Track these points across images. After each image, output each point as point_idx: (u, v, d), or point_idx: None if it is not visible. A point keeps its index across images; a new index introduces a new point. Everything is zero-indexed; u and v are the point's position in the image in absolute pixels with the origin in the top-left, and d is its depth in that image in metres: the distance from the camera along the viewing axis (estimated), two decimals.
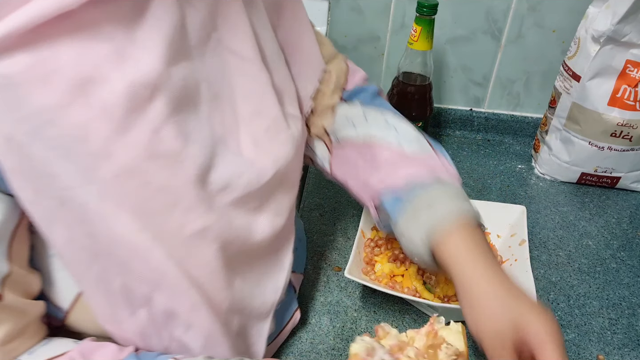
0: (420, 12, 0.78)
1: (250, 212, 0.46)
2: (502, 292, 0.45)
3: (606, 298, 0.71)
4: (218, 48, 0.44)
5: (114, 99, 0.35)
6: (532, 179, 0.96)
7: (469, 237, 0.48)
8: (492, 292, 0.45)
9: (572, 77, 0.86)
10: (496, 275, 0.46)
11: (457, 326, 0.46)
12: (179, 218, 0.39)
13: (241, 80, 0.46)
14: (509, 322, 0.43)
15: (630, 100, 0.81)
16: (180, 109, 0.39)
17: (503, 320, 0.44)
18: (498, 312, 0.44)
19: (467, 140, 1.06)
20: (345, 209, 0.85)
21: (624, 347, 0.65)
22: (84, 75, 0.34)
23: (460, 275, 0.47)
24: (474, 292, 0.46)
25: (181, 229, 0.40)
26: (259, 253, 0.48)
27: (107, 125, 0.35)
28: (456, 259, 0.48)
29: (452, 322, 0.46)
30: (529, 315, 0.43)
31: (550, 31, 0.95)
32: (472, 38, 0.98)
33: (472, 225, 0.49)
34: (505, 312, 0.44)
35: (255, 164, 0.46)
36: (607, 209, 0.89)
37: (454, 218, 0.49)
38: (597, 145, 0.87)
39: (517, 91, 1.04)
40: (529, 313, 0.43)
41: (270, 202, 0.48)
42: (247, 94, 0.46)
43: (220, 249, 0.42)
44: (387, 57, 1.03)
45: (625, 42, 0.78)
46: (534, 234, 0.82)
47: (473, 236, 0.49)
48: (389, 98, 0.89)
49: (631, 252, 0.79)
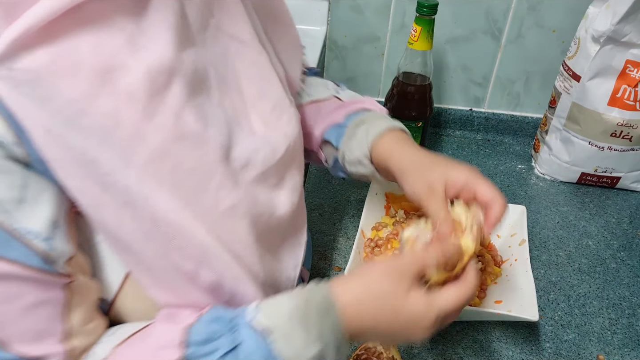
0: (420, 12, 0.78)
1: (270, 188, 0.48)
2: (427, 159, 0.55)
3: (606, 298, 0.71)
4: (217, 34, 0.45)
5: (136, 85, 0.36)
6: (532, 179, 0.96)
7: (398, 136, 0.59)
8: (418, 161, 0.55)
9: (572, 77, 0.86)
10: (422, 152, 0.57)
11: (458, 203, 0.53)
12: (212, 196, 0.41)
13: (243, 64, 0.48)
14: (438, 175, 0.53)
15: (630, 100, 0.81)
16: (196, 94, 0.41)
17: (433, 176, 0.53)
18: (427, 171, 0.54)
19: (467, 140, 1.06)
20: (345, 209, 0.85)
21: (624, 347, 0.65)
22: (105, 64, 0.35)
23: (395, 161, 0.57)
24: (405, 165, 0.56)
25: (215, 206, 0.42)
26: (281, 229, 0.51)
27: (134, 111, 0.36)
28: (389, 152, 0.57)
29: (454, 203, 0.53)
30: (452, 169, 0.53)
31: (550, 31, 0.95)
32: (472, 38, 0.98)
33: (399, 130, 0.60)
34: (433, 169, 0.54)
35: (269, 141, 0.48)
36: (607, 209, 0.89)
37: (384, 127, 0.59)
38: (597, 145, 0.87)
39: (517, 91, 1.04)
40: (453, 167, 0.53)
41: (286, 178, 0.51)
42: (250, 76, 0.48)
43: (251, 224, 0.44)
44: (387, 57, 1.03)
45: (625, 42, 0.78)
46: (534, 234, 0.82)
47: (402, 135, 0.59)
48: (389, 98, 0.89)
49: (631, 252, 0.79)
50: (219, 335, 0.40)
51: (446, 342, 0.64)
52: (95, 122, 0.35)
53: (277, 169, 0.48)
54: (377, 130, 0.59)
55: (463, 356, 0.62)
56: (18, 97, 0.33)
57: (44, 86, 0.33)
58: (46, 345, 0.36)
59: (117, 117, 0.36)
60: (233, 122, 0.45)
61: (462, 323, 0.66)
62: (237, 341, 0.39)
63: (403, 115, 0.86)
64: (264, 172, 0.47)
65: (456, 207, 0.52)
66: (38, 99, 0.33)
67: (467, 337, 0.65)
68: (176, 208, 0.39)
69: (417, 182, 0.54)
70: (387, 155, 0.57)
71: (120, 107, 0.36)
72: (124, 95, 0.36)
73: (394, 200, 0.77)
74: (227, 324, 0.41)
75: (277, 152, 0.48)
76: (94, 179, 0.36)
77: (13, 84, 0.32)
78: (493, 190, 0.51)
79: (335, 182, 0.91)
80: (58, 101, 0.34)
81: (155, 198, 0.38)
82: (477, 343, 0.64)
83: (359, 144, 0.59)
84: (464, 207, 0.51)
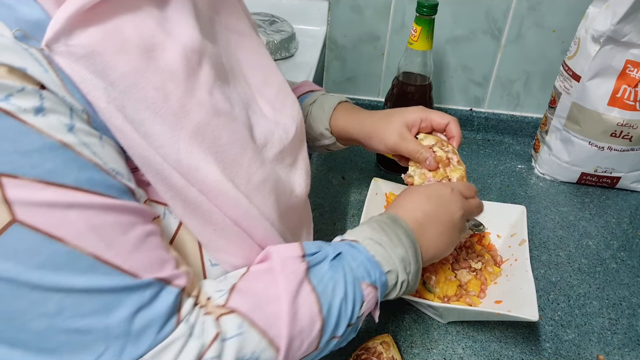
0: (420, 12, 0.78)
1: (287, 167, 0.52)
2: (382, 117, 0.66)
3: (606, 298, 0.71)
4: (220, 28, 0.49)
5: (176, 63, 0.39)
6: (532, 179, 0.96)
7: (348, 107, 0.69)
8: (376, 120, 0.65)
9: (572, 77, 0.86)
10: (374, 113, 0.67)
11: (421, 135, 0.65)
12: (246, 169, 0.44)
13: (245, 54, 0.51)
14: (398, 123, 0.64)
15: (630, 100, 0.81)
16: (219, 76, 0.44)
17: (394, 126, 0.64)
18: (388, 125, 0.64)
19: (467, 140, 1.06)
20: (345, 209, 0.85)
21: (624, 347, 0.65)
22: (147, 43, 0.37)
23: (354, 127, 0.67)
24: (366, 128, 0.66)
25: (249, 179, 0.44)
26: (298, 209, 0.54)
27: (178, 87, 0.39)
28: (347, 121, 0.67)
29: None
30: (406, 114, 0.65)
31: (550, 31, 0.95)
32: (472, 38, 0.98)
33: (346, 102, 0.70)
34: (391, 121, 0.64)
35: (280, 123, 0.51)
36: (607, 209, 0.89)
37: (335, 101, 0.69)
38: (597, 145, 0.87)
39: (517, 91, 1.04)
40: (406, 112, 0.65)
41: (298, 159, 0.54)
42: (252, 65, 0.52)
43: (276, 201, 0.47)
44: (387, 57, 1.03)
45: (625, 42, 0.78)
46: (534, 234, 0.82)
47: (350, 105, 0.70)
48: (389, 98, 0.89)
49: (631, 252, 0.79)
50: (324, 247, 0.48)
51: (446, 342, 0.64)
52: (146, 95, 0.37)
53: (291, 150, 0.52)
54: (330, 105, 0.68)
55: (463, 356, 0.62)
56: (80, 70, 0.34)
57: (99, 61, 0.35)
58: (169, 269, 0.38)
59: (165, 91, 0.38)
60: (247, 106, 0.48)
61: (462, 323, 0.66)
62: (338, 250, 0.48)
63: None
64: (281, 151, 0.50)
65: (423, 140, 0.64)
66: (96, 72, 0.35)
67: (467, 337, 0.65)
68: (222, 179, 0.42)
69: (385, 138, 0.64)
70: (345, 124, 0.67)
71: (166, 82, 0.38)
72: (168, 72, 0.38)
73: (393, 200, 0.77)
74: (324, 242, 0.49)
75: (288, 133, 0.51)
76: (152, 150, 0.38)
77: (73, 58, 0.34)
78: (444, 116, 0.64)
79: (335, 182, 0.91)
80: (113, 75, 0.36)
81: (204, 170, 0.41)
82: (477, 343, 0.64)
83: (319, 120, 0.68)
84: (428, 138, 0.64)
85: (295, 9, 1.02)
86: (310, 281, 0.44)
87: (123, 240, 0.35)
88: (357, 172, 0.94)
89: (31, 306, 0.32)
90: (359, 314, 0.46)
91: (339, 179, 0.92)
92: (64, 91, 0.33)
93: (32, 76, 0.32)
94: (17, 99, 0.31)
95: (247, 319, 0.40)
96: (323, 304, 0.44)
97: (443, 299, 0.64)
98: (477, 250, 0.71)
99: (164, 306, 0.36)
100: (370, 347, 0.60)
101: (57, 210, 0.32)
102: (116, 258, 0.34)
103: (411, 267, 0.50)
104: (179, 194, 0.40)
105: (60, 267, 0.32)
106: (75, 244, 0.32)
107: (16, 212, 0.31)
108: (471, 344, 0.64)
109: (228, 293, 0.41)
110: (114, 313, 0.34)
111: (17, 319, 0.32)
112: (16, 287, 0.31)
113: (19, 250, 0.31)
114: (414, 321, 0.66)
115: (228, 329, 0.39)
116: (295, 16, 1.01)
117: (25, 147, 0.31)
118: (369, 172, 0.94)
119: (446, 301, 0.64)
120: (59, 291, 0.32)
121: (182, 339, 0.37)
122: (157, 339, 0.35)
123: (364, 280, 0.47)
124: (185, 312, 0.38)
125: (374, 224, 0.51)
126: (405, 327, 0.65)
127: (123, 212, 0.35)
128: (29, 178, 0.31)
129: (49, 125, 0.32)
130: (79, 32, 0.34)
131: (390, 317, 0.66)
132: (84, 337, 0.33)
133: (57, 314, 0.32)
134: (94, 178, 0.34)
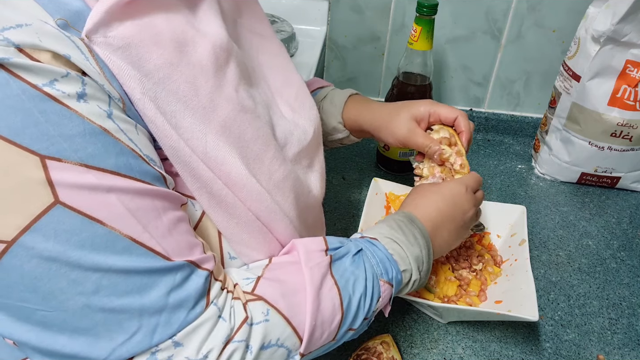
0: (420, 12, 0.78)
1: (305, 169, 0.53)
2: (391, 110, 0.66)
3: (606, 298, 0.71)
4: (243, 30, 0.51)
5: (206, 59, 0.40)
6: (532, 179, 0.96)
7: (358, 99, 0.70)
8: (385, 113, 0.66)
9: (572, 77, 0.86)
10: (384, 106, 0.67)
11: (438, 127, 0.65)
12: (268, 166, 0.45)
13: (265, 57, 0.53)
14: (407, 117, 0.64)
15: (630, 100, 0.81)
16: (243, 76, 0.45)
17: (403, 120, 0.64)
18: (396, 118, 0.64)
19: None
20: (345, 208, 0.85)
21: (624, 347, 0.65)
22: (179, 38, 0.39)
23: (365, 119, 0.67)
24: (377, 121, 0.66)
25: (271, 175, 0.45)
26: (315, 210, 0.55)
27: (208, 82, 0.40)
28: (358, 113, 0.68)
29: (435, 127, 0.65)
30: (414, 107, 0.64)
31: (550, 31, 0.95)
32: (472, 38, 0.98)
33: (356, 94, 0.71)
34: (400, 115, 0.64)
35: (299, 124, 0.52)
36: (607, 209, 0.89)
37: (345, 95, 0.70)
38: (597, 145, 0.87)
39: (517, 91, 1.04)
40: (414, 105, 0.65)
41: (315, 162, 0.55)
42: (273, 67, 0.53)
43: (295, 199, 0.48)
44: (387, 57, 1.03)
45: (625, 42, 0.78)
46: (534, 234, 0.82)
47: (360, 97, 0.71)
48: (389, 98, 0.89)
49: (631, 252, 0.79)
50: (346, 243, 0.49)
51: (446, 342, 0.64)
52: (178, 88, 0.38)
53: (308, 151, 0.53)
54: (341, 99, 0.69)
55: (463, 356, 0.62)
56: (117, 60, 0.35)
57: (136, 52, 0.36)
58: (198, 253, 0.39)
59: (196, 85, 0.39)
60: (268, 106, 0.49)
61: (462, 323, 0.66)
62: (360, 246, 0.50)
63: None
64: (299, 152, 0.51)
65: (434, 133, 0.64)
66: (132, 63, 0.36)
67: (467, 337, 0.65)
68: (246, 174, 0.42)
69: (394, 131, 0.64)
70: (357, 117, 0.68)
71: (197, 76, 0.39)
72: (198, 66, 0.40)
73: (394, 200, 0.77)
74: (345, 238, 0.51)
75: (307, 134, 0.53)
76: (180, 142, 0.39)
77: (110, 49, 0.35)
78: (452, 110, 0.64)
79: (335, 182, 0.91)
80: (148, 66, 0.37)
81: (230, 164, 0.41)
82: (477, 343, 0.64)
83: (331, 114, 0.69)
84: (443, 130, 0.64)
85: (295, 9, 1.02)
86: (333, 275, 0.46)
87: (157, 224, 0.36)
88: (357, 172, 0.94)
89: (70, 285, 0.33)
90: (375, 308, 0.48)
91: (339, 179, 0.92)
92: (103, 79, 0.34)
93: (75, 63, 0.32)
94: (61, 84, 0.32)
95: (273, 306, 0.41)
96: (344, 297, 0.45)
97: (443, 299, 0.64)
98: (477, 250, 0.71)
99: (195, 288, 0.37)
100: (370, 347, 0.60)
101: (97, 193, 0.33)
102: (151, 240, 0.35)
103: (424, 265, 0.52)
104: (205, 186, 0.41)
105: (99, 247, 0.33)
106: (113, 225, 0.33)
107: (59, 193, 0.31)
108: (471, 344, 0.64)
109: (255, 281, 0.43)
110: (148, 293, 0.35)
111: (56, 298, 0.33)
112: (57, 266, 0.32)
113: (60, 230, 0.32)
114: (414, 321, 0.66)
115: (255, 315, 0.40)
116: (295, 16, 1.01)
117: (68, 131, 0.32)
118: (369, 172, 0.94)
119: (446, 301, 0.64)
120: (97, 271, 0.33)
121: (212, 320, 0.38)
122: (187, 319, 0.37)
123: (382, 277, 0.49)
124: (214, 295, 0.39)
125: (392, 223, 0.53)
126: (405, 327, 0.65)
127: (157, 197, 0.36)
128: (72, 161, 0.32)
129: (90, 111, 0.33)
130: (117, 25, 0.35)
131: (390, 317, 0.66)
132: (118, 316, 0.34)
133: (94, 292, 0.33)
134: (130, 163, 0.35)
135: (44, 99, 0.31)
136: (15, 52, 0.30)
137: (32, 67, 0.30)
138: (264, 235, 0.46)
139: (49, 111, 0.31)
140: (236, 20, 0.50)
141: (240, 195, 0.43)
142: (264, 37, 0.53)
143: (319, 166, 0.56)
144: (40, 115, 0.31)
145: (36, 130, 0.31)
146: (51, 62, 0.31)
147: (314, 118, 0.55)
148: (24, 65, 0.30)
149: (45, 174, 0.31)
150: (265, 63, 0.53)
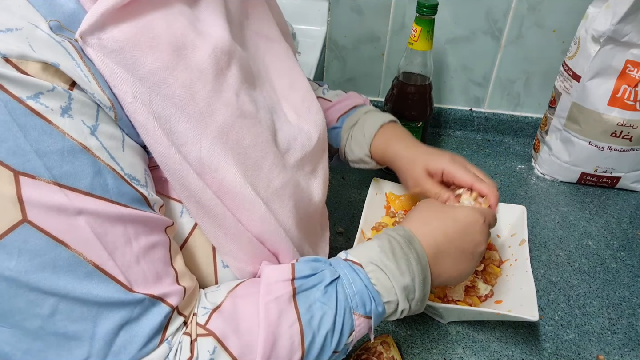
0: (420, 12, 0.78)
1: (307, 175, 0.52)
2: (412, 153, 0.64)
3: (606, 298, 0.71)
4: (249, 32, 0.50)
5: (205, 63, 0.39)
6: (532, 179, 0.96)
7: (389, 131, 0.67)
8: (406, 156, 0.64)
9: (572, 77, 0.86)
10: (409, 146, 0.65)
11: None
12: (266, 173, 0.44)
13: (272, 59, 0.52)
14: (421, 168, 0.62)
15: (630, 100, 0.81)
16: (246, 79, 0.44)
17: (417, 170, 0.62)
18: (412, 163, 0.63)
19: (467, 140, 1.06)
20: (345, 208, 0.85)
21: (624, 347, 0.65)
22: (178, 41, 0.38)
23: (389, 158, 0.66)
24: (397, 163, 0.65)
25: (269, 183, 0.44)
26: (316, 217, 0.54)
27: (206, 86, 0.39)
28: (385, 146, 0.66)
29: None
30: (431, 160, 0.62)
31: (550, 31, 0.95)
32: (472, 38, 0.98)
33: (389, 123, 0.68)
34: (417, 162, 0.63)
35: (303, 129, 0.51)
36: (607, 209, 0.89)
37: (377, 124, 0.67)
38: (597, 145, 0.87)
39: (517, 91, 1.04)
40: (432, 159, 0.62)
41: (318, 168, 0.54)
42: (279, 70, 0.52)
43: (294, 207, 0.47)
44: (387, 57, 1.03)
45: (625, 42, 0.78)
46: (534, 234, 0.82)
47: (392, 128, 0.68)
48: (389, 98, 0.89)
49: (631, 252, 0.79)
50: (321, 270, 0.45)
51: (446, 342, 0.64)
52: (174, 92, 0.38)
53: (312, 157, 0.52)
54: (371, 130, 0.67)
55: (463, 356, 0.62)
56: (109, 63, 0.35)
57: (130, 56, 0.35)
58: (165, 286, 0.38)
59: (192, 90, 0.38)
60: (272, 110, 0.48)
61: (462, 323, 0.66)
62: (337, 274, 0.45)
63: (403, 115, 0.86)
64: (302, 158, 0.50)
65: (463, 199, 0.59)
66: (125, 66, 0.35)
67: (467, 337, 0.65)
68: (241, 182, 0.41)
69: (407, 180, 0.64)
70: (383, 152, 0.67)
71: (194, 81, 0.39)
72: (196, 71, 0.39)
73: (393, 200, 0.77)
74: (325, 262, 0.47)
75: (311, 140, 0.51)
76: (174, 147, 0.38)
77: (104, 52, 0.35)
78: (467, 175, 0.60)
79: (335, 182, 0.91)
80: (142, 70, 0.36)
81: (224, 171, 0.41)
82: (477, 343, 0.64)
83: (359, 145, 0.68)
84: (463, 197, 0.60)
85: (295, 9, 1.02)
86: (296, 308, 0.42)
87: (125, 251, 0.35)
88: (357, 172, 0.94)
89: (27, 306, 0.32)
90: (346, 341, 0.45)
91: (339, 179, 0.92)
92: (94, 86, 0.34)
93: (64, 71, 0.32)
94: (46, 97, 0.31)
95: (223, 344, 0.39)
96: (306, 334, 0.42)
97: (443, 299, 0.64)
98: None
99: (150, 325, 0.36)
100: (370, 347, 0.60)
101: (66, 214, 0.32)
102: (114, 269, 0.34)
103: (415, 294, 0.47)
104: (193, 195, 0.40)
105: (60, 270, 0.32)
106: (78, 250, 0.33)
107: (28, 211, 0.31)
108: (471, 344, 0.64)
109: (210, 313, 0.41)
110: (102, 323, 0.34)
111: (13, 317, 0.32)
112: (16, 286, 0.31)
113: (24, 249, 0.31)
114: (414, 321, 0.66)
115: (201, 353, 0.38)
116: (295, 16, 1.01)
117: (46, 147, 0.31)
118: (369, 172, 0.94)
119: (446, 301, 0.64)
120: (55, 295, 0.32)
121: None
122: (137, 355, 0.36)
123: (357, 310, 0.44)
124: (170, 332, 0.38)
125: (385, 243, 0.48)
126: (405, 327, 0.65)
127: (130, 222, 0.35)
128: (45, 179, 0.31)
129: (72, 127, 0.32)
130: (112, 27, 0.35)
131: None
132: (70, 342, 0.34)
133: (50, 316, 0.33)
134: (107, 184, 0.34)
135: (25, 113, 0.30)
136: (2, 63, 0.29)
137: (17, 79, 0.30)
138: (253, 247, 0.44)
139: (29, 126, 0.30)
140: (243, 22, 0.49)
141: (232, 205, 0.42)
142: (271, 40, 0.52)
143: (322, 172, 0.54)
144: (20, 129, 0.30)
145: (13, 145, 0.30)
146: (38, 75, 0.31)
147: (319, 123, 0.53)
148: (9, 76, 0.30)
149: (17, 191, 0.30)
150: (271, 66, 0.51)
